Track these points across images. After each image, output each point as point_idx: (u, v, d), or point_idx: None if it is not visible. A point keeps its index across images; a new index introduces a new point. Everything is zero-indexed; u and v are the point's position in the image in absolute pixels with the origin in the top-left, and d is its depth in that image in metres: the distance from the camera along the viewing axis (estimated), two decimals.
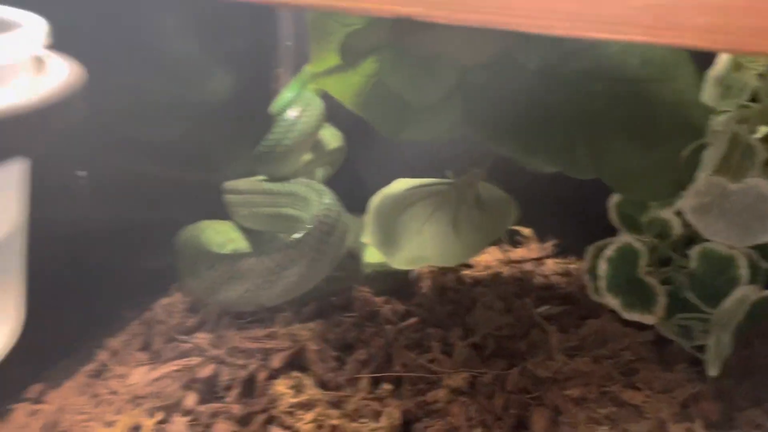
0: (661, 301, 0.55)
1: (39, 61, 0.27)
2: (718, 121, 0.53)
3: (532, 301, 0.68)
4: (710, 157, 0.53)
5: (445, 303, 0.67)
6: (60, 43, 0.30)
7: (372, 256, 0.76)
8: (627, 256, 0.55)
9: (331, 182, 0.83)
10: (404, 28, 0.51)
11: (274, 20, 0.85)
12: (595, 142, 0.54)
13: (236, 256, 0.62)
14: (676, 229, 0.58)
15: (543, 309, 0.67)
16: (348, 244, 0.75)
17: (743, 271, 0.55)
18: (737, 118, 0.54)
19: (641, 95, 0.58)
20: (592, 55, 0.59)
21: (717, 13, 0.25)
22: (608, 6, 0.29)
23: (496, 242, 0.81)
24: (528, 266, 0.78)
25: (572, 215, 0.79)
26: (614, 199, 0.59)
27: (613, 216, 0.58)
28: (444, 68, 0.58)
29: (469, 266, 0.78)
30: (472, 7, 0.30)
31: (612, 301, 0.55)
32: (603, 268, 0.55)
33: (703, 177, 0.53)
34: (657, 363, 0.55)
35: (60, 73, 0.27)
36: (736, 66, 0.53)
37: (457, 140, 0.63)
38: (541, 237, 0.83)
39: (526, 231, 0.83)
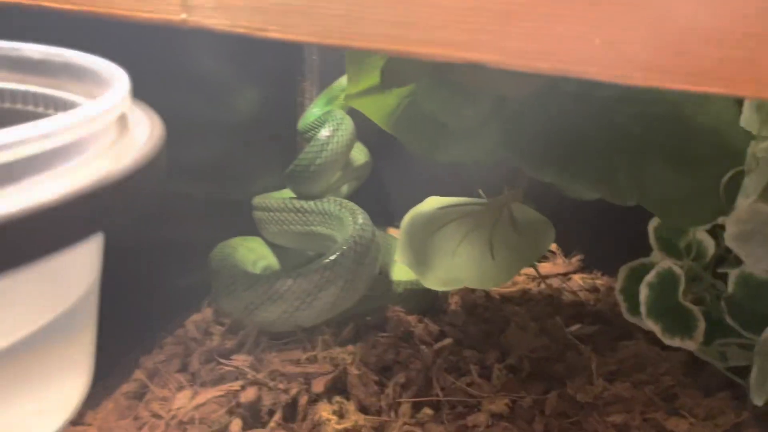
0: (701, 326, 0.55)
1: (123, 119, 0.27)
2: (760, 148, 0.53)
3: (563, 320, 0.68)
4: (752, 183, 0.53)
5: (478, 322, 0.67)
6: None
7: (401, 273, 0.76)
8: (667, 281, 0.56)
9: (355, 195, 0.84)
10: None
11: None
12: (635, 167, 0.54)
13: (273, 277, 0.62)
14: (711, 250, 0.58)
15: (575, 328, 0.68)
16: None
17: None
18: None
19: (677, 118, 0.59)
20: None
21: None
22: (688, 58, 0.29)
23: None
24: (555, 282, 0.79)
25: (596, 230, 0.79)
26: (653, 223, 0.59)
27: (652, 240, 0.59)
28: (482, 94, 0.58)
29: None
30: (548, 56, 0.30)
31: (653, 326, 0.55)
32: (644, 293, 0.56)
33: (746, 204, 0.53)
34: (696, 388, 0.55)
35: (143, 131, 0.27)
36: None
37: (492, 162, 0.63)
38: (567, 251, 0.84)
39: (552, 246, 0.84)
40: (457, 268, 0.63)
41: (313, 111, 0.80)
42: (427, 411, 0.55)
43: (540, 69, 0.30)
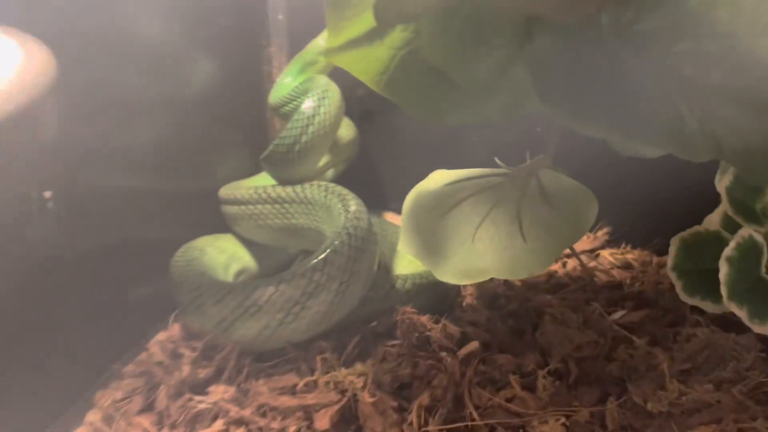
0: None
1: None
2: None
3: (602, 307, 0.57)
4: None
5: (504, 318, 0.56)
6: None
7: (405, 266, 0.64)
8: (749, 253, 0.45)
9: (341, 176, 0.71)
10: None
11: None
12: (706, 114, 0.43)
13: (248, 286, 0.49)
14: None
15: (619, 316, 0.57)
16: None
17: None
18: None
19: (736, 53, 0.47)
20: (669, 8, 0.48)
21: None
22: None
23: None
24: (583, 260, 0.68)
25: (622, 199, 0.68)
26: (724, 181, 0.48)
27: (725, 203, 0.47)
28: (502, 34, 0.46)
29: None
30: None
31: (738, 311, 0.44)
32: (725, 271, 0.44)
33: None
34: None
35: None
36: None
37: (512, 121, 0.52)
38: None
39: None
40: (478, 256, 0.51)
41: (286, 81, 0.67)
42: None
43: None
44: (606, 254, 0.69)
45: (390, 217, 0.76)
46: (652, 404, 0.44)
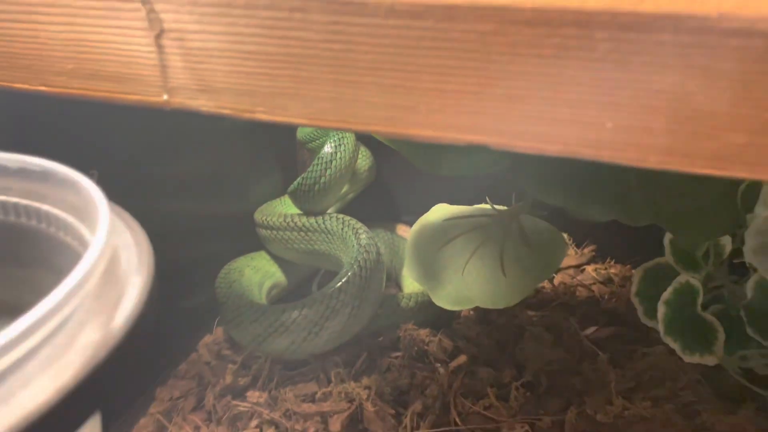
0: (721, 339, 0.54)
1: (110, 261, 0.26)
2: None
3: (578, 322, 0.67)
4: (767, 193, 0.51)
5: (491, 332, 0.67)
6: None
7: (411, 285, 0.75)
8: (685, 295, 0.54)
9: (360, 194, 0.82)
10: None
11: None
12: (649, 184, 0.52)
13: (278, 310, 0.61)
14: (728, 247, 0.57)
15: (591, 331, 0.67)
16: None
17: None
18: None
19: None
20: None
21: None
22: (709, 143, 0.27)
23: None
24: (569, 275, 0.78)
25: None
26: (668, 236, 0.57)
27: (668, 254, 0.57)
28: None
29: None
30: (555, 139, 0.28)
31: (672, 344, 0.54)
32: (662, 311, 0.54)
33: (764, 214, 0.51)
34: (717, 402, 0.55)
35: (130, 263, 0.25)
36: None
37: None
38: (578, 243, 0.82)
39: (563, 236, 0.82)
40: (467, 287, 0.61)
41: None
42: None
43: (547, 151, 0.28)
44: (590, 269, 0.79)
45: (402, 229, 0.87)
46: (601, 416, 0.54)
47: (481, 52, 0.25)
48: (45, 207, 0.31)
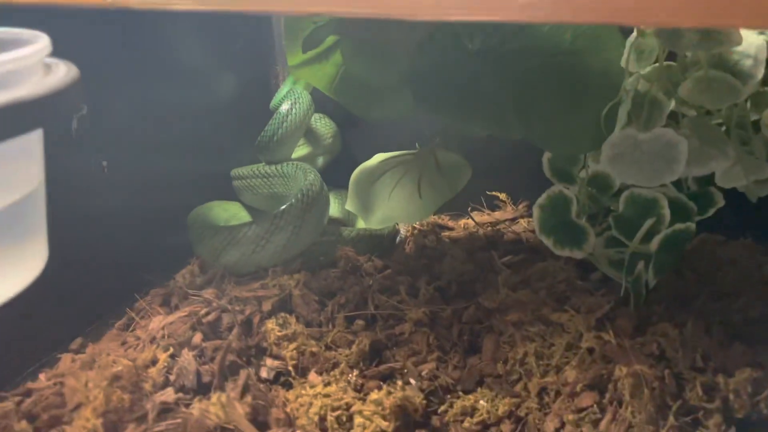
0: (591, 239, 0.64)
1: (47, 66, 0.39)
2: (628, 82, 0.62)
3: (500, 255, 0.78)
4: (622, 112, 0.62)
5: (421, 258, 0.77)
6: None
7: (361, 223, 0.86)
8: (558, 203, 0.65)
9: (331, 167, 0.94)
10: (352, 22, 0.61)
11: (269, 22, 0.97)
12: (523, 108, 0.63)
13: (234, 227, 0.73)
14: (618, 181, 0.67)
15: (507, 258, 0.77)
16: (339, 215, 0.86)
17: (665, 211, 0.63)
18: (648, 78, 0.62)
19: (573, 66, 0.67)
20: (528, 35, 0.68)
21: None
22: None
23: (475, 208, 0.92)
24: (503, 226, 0.88)
25: (540, 181, 0.88)
26: (546, 155, 0.68)
27: (546, 169, 0.68)
28: (397, 53, 0.68)
29: (449, 228, 0.88)
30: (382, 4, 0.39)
31: (546, 240, 0.64)
32: (536, 213, 0.65)
33: (617, 130, 0.62)
34: (586, 291, 0.64)
35: (61, 73, 0.39)
36: (641, 32, 0.62)
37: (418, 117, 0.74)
38: (515, 200, 0.93)
39: (502, 196, 0.93)
40: (391, 209, 0.73)
41: (282, 91, 0.91)
42: (360, 323, 0.65)
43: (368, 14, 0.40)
44: (523, 221, 0.89)
45: None
46: (489, 303, 0.65)
47: None
48: None
